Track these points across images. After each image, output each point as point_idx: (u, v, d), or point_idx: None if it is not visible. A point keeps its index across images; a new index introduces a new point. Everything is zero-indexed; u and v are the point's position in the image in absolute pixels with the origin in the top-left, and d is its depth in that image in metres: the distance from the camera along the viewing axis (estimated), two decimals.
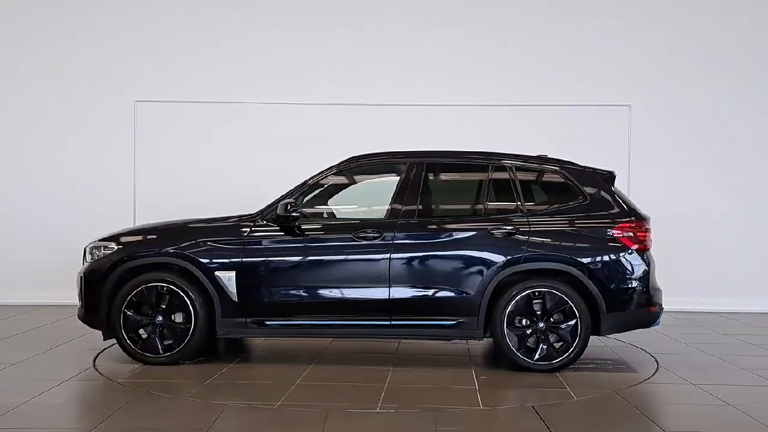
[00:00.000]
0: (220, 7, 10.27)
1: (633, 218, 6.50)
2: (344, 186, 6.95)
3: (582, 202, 6.55)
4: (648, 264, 6.46)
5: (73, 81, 10.20)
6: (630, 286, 6.39)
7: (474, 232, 6.43)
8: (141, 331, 6.43)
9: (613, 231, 6.42)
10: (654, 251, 6.63)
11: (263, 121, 10.20)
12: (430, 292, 6.38)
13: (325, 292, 6.44)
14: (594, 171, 6.72)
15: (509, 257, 6.34)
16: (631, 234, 6.43)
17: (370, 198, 7.09)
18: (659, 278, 6.69)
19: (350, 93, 10.15)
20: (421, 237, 6.47)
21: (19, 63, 10.23)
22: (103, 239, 6.70)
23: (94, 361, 6.66)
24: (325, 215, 6.95)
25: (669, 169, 10.20)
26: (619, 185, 7.04)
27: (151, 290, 6.43)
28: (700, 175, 10.23)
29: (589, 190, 6.58)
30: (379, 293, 6.38)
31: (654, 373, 6.41)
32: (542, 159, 6.80)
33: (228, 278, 6.39)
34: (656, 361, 6.86)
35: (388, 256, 6.39)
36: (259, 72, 10.22)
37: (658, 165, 10.18)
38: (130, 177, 10.13)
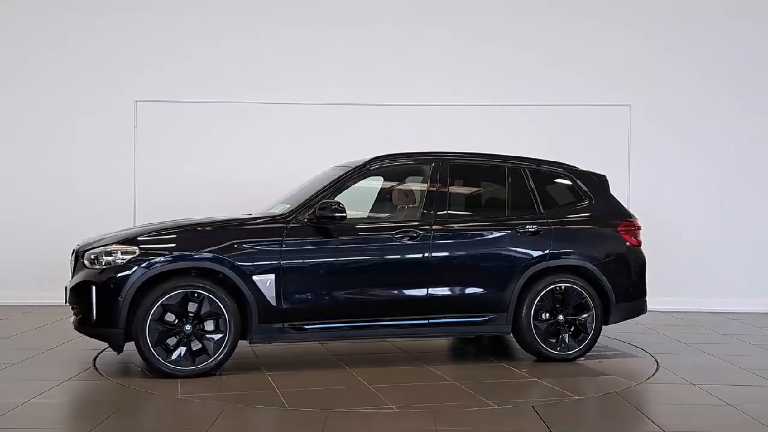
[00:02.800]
0: (220, 7, 10.26)
1: (629, 217, 7.15)
2: (371, 186, 6.94)
3: (589, 203, 7.07)
4: (643, 259, 7.09)
5: (73, 81, 10.18)
6: (632, 278, 7.01)
7: (504, 232, 6.71)
8: (167, 342, 5.94)
9: (618, 229, 6.99)
10: (654, 251, 7.17)
11: (263, 120, 10.19)
12: (465, 291, 6.58)
13: (366, 293, 6.39)
14: (593, 174, 7.24)
15: (536, 255, 6.70)
16: (630, 232, 7.05)
17: (398, 198, 7.02)
18: (659, 277, 7.27)
19: (350, 93, 10.13)
20: (457, 237, 6.61)
21: (20, 63, 10.21)
22: (119, 242, 6.05)
23: (94, 361, 6.65)
24: (357, 216, 6.81)
25: (669, 169, 10.20)
26: (620, 185, 7.26)
27: (178, 297, 5.95)
28: (700, 175, 10.23)
29: (592, 191, 7.12)
30: (418, 293, 6.46)
31: (654, 373, 6.41)
32: (553, 162, 7.16)
33: (267, 282, 6.10)
34: (656, 361, 6.86)
35: (427, 255, 6.47)
36: (259, 72, 10.20)
37: (658, 165, 10.17)
38: (130, 177, 10.12)
